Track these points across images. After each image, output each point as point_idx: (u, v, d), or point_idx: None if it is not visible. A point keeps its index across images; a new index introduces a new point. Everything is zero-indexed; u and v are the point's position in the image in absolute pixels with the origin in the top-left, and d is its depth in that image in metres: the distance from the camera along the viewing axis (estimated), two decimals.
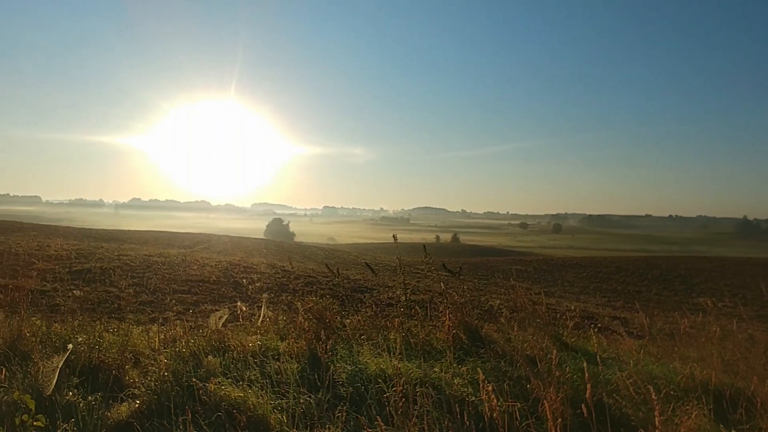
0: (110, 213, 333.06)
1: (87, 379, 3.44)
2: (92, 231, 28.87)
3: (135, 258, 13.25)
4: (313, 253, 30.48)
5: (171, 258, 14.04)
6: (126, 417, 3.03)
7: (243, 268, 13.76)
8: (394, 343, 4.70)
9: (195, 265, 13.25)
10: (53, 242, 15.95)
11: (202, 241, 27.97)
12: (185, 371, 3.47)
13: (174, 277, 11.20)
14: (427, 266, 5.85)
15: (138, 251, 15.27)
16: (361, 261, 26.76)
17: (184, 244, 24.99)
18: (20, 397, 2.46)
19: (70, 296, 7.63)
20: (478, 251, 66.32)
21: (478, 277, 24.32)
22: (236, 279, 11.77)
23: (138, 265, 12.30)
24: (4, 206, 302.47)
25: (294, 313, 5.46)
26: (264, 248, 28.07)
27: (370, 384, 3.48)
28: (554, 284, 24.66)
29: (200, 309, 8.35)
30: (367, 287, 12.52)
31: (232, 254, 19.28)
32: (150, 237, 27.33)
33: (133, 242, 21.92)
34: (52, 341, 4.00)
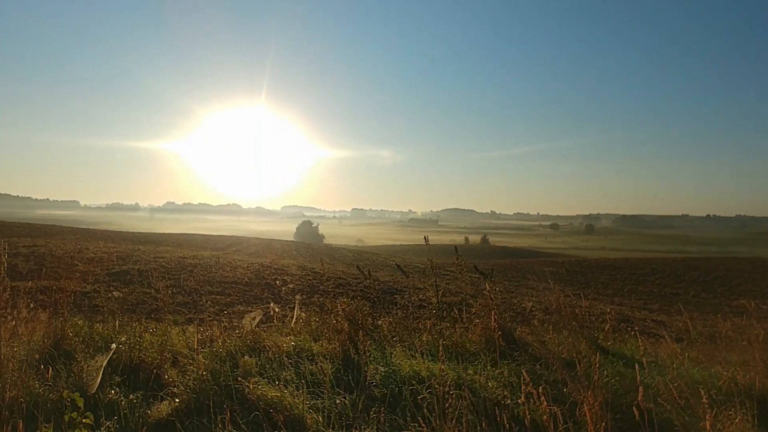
0: (146, 216, 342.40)
1: (128, 377, 3.54)
2: (129, 234, 29.74)
3: (170, 260, 13.59)
4: (343, 255, 30.66)
5: (205, 260, 14.34)
6: (166, 415, 3.09)
7: (274, 270, 13.94)
8: (427, 345, 4.68)
9: (228, 267, 13.51)
10: (92, 245, 16.49)
11: (234, 243, 28.46)
12: (223, 371, 3.53)
13: (208, 278, 11.42)
14: (458, 268, 5.78)
15: (173, 253, 15.65)
16: (390, 263, 26.77)
17: (217, 246, 25.49)
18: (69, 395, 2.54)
19: (109, 297, 7.87)
20: (508, 253, 65.52)
21: (508, 278, 24.02)
22: (268, 281, 11.93)
23: (173, 266, 12.60)
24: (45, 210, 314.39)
25: (326, 314, 5.49)
26: (294, 250, 28.40)
27: (405, 385, 3.47)
28: (587, 286, 24.14)
29: (234, 310, 8.49)
30: (397, 289, 12.52)
31: (263, 256, 19.57)
32: (184, 240, 27.97)
33: (168, 245, 22.45)
34: (95, 341, 4.12)
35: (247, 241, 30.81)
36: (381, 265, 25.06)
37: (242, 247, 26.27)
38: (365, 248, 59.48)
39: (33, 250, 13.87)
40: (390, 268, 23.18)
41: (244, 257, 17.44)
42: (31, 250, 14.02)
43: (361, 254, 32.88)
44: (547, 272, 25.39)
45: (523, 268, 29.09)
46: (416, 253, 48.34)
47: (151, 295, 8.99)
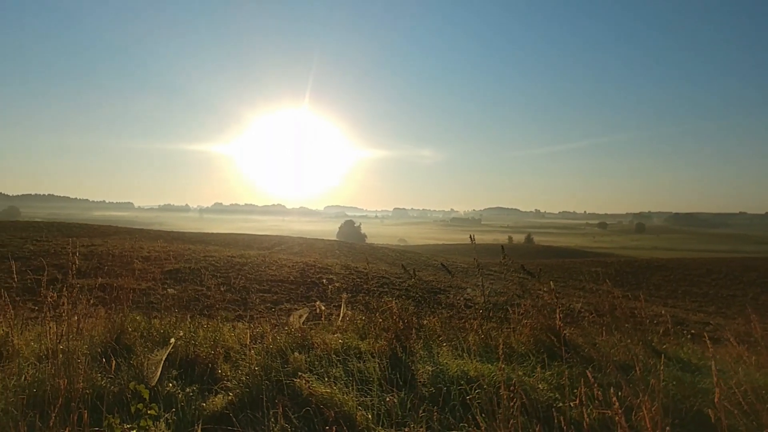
0: (195, 217, 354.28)
1: (184, 371, 3.68)
2: (180, 234, 30.78)
3: (219, 259, 14.00)
4: (385, 254, 30.75)
5: (251, 259, 14.70)
6: (221, 408, 3.20)
7: (318, 268, 14.13)
8: (474, 345, 4.63)
9: (274, 265, 13.79)
10: (146, 245, 17.18)
11: (279, 242, 29.03)
12: (274, 366, 3.61)
13: (255, 277, 11.70)
14: (505, 267, 5.69)
15: (221, 252, 16.12)
16: (432, 262, 26.64)
17: (263, 245, 26.05)
18: (135, 387, 2.67)
19: (164, 294, 8.18)
20: (554, 252, 63.98)
21: (554, 279, 23.38)
22: (312, 279, 12.11)
23: (222, 265, 12.98)
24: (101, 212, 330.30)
25: (372, 313, 5.52)
26: (337, 249, 28.70)
27: (453, 385, 3.45)
28: (638, 287, 23.24)
29: (280, 307, 8.67)
30: (440, 288, 12.45)
31: (307, 255, 19.86)
32: (231, 239, 28.73)
33: (216, 244, 23.13)
34: (153, 336, 4.30)
35: (291, 241, 31.35)
36: (424, 264, 24.96)
37: (287, 247, 26.74)
38: (407, 248, 59.48)
39: (91, 250, 14.58)
40: (433, 267, 23.07)
41: (289, 256, 17.77)
42: (89, 249, 14.74)
43: (404, 254, 32.86)
44: (596, 272, 24.63)
45: (570, 268, 28.33)
46: (459, 253, 47.92)
47: (203, 292, 9.29)
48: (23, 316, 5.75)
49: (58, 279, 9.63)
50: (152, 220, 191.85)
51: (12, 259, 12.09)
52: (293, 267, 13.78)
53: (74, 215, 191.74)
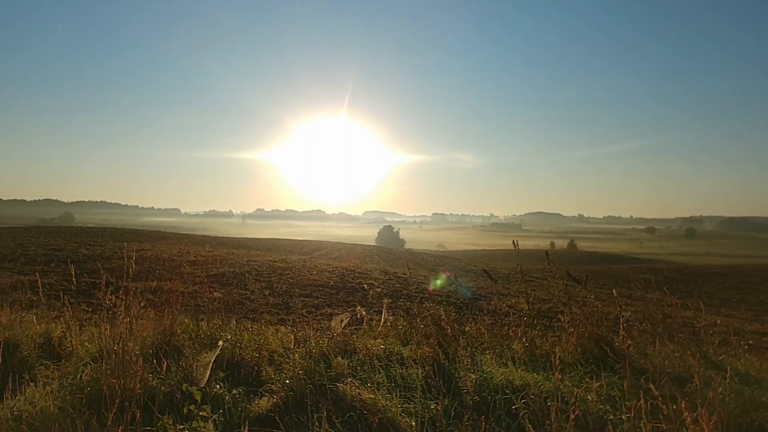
0: (238, 222, 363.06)
1: (231, 373, 3.76)
2: (224, 239, 31.60)
3: (262, 263, 14.28)
4: (424, 259, 30.61)
5: (292, 264, 14.93)
6: (266, 410, 3.24)
7: (358, 274, 14.20)
8: (518, 353, 4.53)
9: (314, 270, 13.96)
10: (192, 249, 17.72)
11: (318, 248, 29.37)
12: (317, 370, 3.64)
13: (297, 281, 11.87)
14: (550, 274, 5.55)
15: (264, 257, 16.44)
16: (472, 268, 26.33)
17: (303, 250, 26.41)
18: (188, 389, 2.74)
19: (210, 297, 8.40)
20: (599, 258, 62.05)
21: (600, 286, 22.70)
22: (352, 284, 12.17)
23: (265, 270, 13.24)
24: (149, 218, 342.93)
25: (413, 318, 5.49)
26: (376, 255, 28.78)
27: (498, 394, 3.38)
28: (690, 295, 22.20)
29: (321, 312, 8.74)
30: (481, 295, 12.28)
31: (346, 260, 19.99)
32: (273, 244, 29.25)
33: (258, 249, 23.61)
34: (200, 338, 4.42)
35: (330, 246, 31.66)
36: (463, 270, 24.69)
37: (327, 252, 27.01)
38: (446, 253, 59.06)
39: (141, 254, 15.13)
40: (473, 273, 22.80)
41: (328, 261, 17.93)
42: (139, 253, 15.30)
43: (443, 259, 32.63)
44: (644, 280, 23.72)
45: (616, 274, 27.37)
46: (499, 258, 47.20)
47: (246, 296, 9.49)
48: (78, 317, 6.03)
49: (110, 282, 10.04)
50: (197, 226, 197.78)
51: (67, 262, 12.71)
52: (333, 272, 13.91)
53: (125, 221, 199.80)
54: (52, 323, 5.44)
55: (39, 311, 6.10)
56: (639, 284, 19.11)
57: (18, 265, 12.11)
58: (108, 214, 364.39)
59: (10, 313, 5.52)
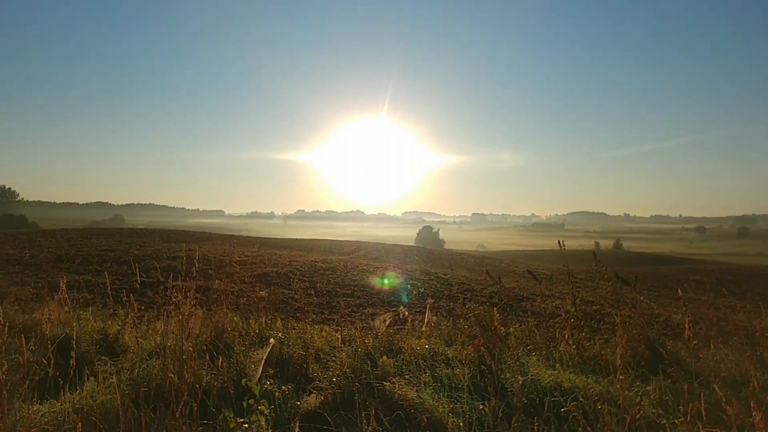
0: (279, 223, 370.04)
1: (280, 370, 3.84)
2: (266, 239, 32.22)
3: (304, 264, 14.51)
4: (464, 260, 30.34)
5: (333, 264, 15.09)
6: (314, 407, 3.31)
7: (398, 274, 14.22)
8: (565, 355, 4.44)
9: (355, 270, 14.06)
10: (236, 250, 18.16)
11: (358, 248, 29.55)
12: (364, 369, 3.68)
13: (339, 281, 11.99)
14: (598, 275, 5.40)
15: (305, 257, 16.69)
16: (513, 269, 25.92)
17: (343, 251, 26.63)
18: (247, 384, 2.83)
19: (256, 296, 8.61)
20: (646, 259, 59.80)
21: (647, 287, 21.89)
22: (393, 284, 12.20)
23: (307, 269, 13.44)
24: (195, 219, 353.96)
25: (456, 319, 5.46)
26: (415, 255, 28.72)
27: (546, 396, 3.32)
28: (743, 297, 21.09)
29: (363, 312, 8.80)
30: (523, 296, 12.07)
31: (386, 261, 20.05)
32: (313, 245, 29.64)
33: (299, 249, 23.97)
34: (250, 336, 4.54)
35: (370, 246, 31.80)
36: (504, 271, 24.32)
37: (366, 252, 27.15)
38: (487, 253, 58.32)
39: (188, 254, 15.62)
40: (514, 274, 22.44)
41: (369, 261, 18.03)
42: (186, 253, 15.79)
43: (483, 260, 32.25)
44: (694, 281, 22.73)
45: (665, 276, 26.35)
46: (541, 259, 46.22)
47: (290, 295, 9.66)
48: (132, 315, 6.28)
49: (161, 281, 10.43)
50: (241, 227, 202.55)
51: (119, 262, 13.27)
52: (374, 272, 13.98)
53: (172, 222, 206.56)
54: (108, 320, 5.70)
55: (95, 309, 6.38)
56: (689, 286, 18.37)
57: (73, 265, 12.72)
58: (156, 215, 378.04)
59: (68, 311, 5.81)
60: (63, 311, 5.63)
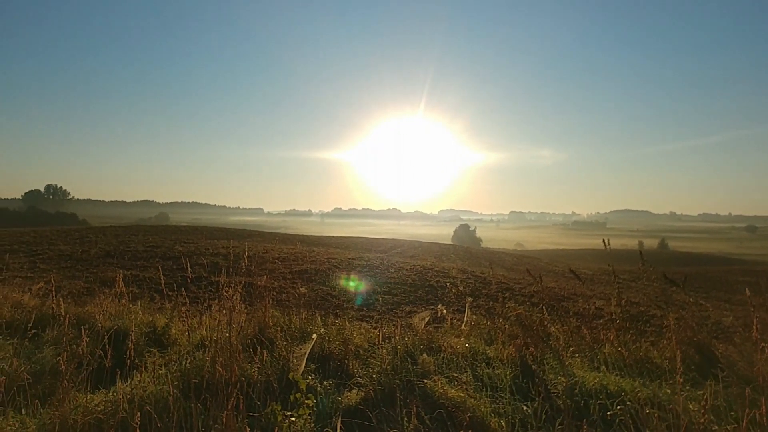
0: (317, 221, 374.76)
1: (320, 366, 3.90)
2: (304, 237, 32.68)
3: (341, 261, 14.64)
4: (502, 258, 29.95)
5: (370, 261, 15.18)
6: (355, 403, 3.33)
7: (435, 272, 14.16)
8: (610, 357, 4.33)
9: (392, 268, 14.10)
10: (275, 247, 18.49)
11: (395, 246, 29.59)
12: (404, 367, 3.69)
13: (375, 278, 12.05)
14: (645, 275, 5.23)
15: (342, 255, 16.84)
16: (553, 268, 25.41)
17: (380, 249, 26.73)
18: (294, 378, 2.89)
19: (296, 293, 8.75)
20: (693, 259, 57.48)
21: (695, 289, 21.05)
22: (431, 282, 12.16)
23: (344, 267, 13.56)
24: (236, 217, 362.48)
25: (495, 318, 5.40)
26: (452, 253, 28.54)
27: (591, 399, 3.24)
28: None
29: (400, 309, 8.82)
30: (564, 296, 11.82)
31: (423, 259, 19.99)
32: (350, 242, 29.86)
33: (336, 247, 24.21)
34: (291, 331, 4.62)
35: (406, 244, 31.80)
36: (544, 270, 23.87)
37: (403, 250, 27.16)
38: (525, 252, 57.36)
39: (229, 251, 16.01)
40: (554, 273, 21.99)
41: (405, 259, 18.03)
42: (228, 250, 16.19)
43: (521, 258, 31.74)
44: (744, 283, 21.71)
45: (713, 277, 25.25)
46: (581, 258, 45.12)
47: (328, 292, 9.78)
48: (178, 309, 6.50)
49: (203, 276, 10.74)
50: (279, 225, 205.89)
51: (165, 258, 13.73)
52: (411, 270, 13.97)
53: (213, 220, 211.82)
54: (156, 314, 5.91)
55: (143, 303, 6.61)
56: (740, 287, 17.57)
57: (121, 260, 13.24)
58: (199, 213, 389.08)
59: (118, 305, 6.05)
60: (114, 304, 5.87)
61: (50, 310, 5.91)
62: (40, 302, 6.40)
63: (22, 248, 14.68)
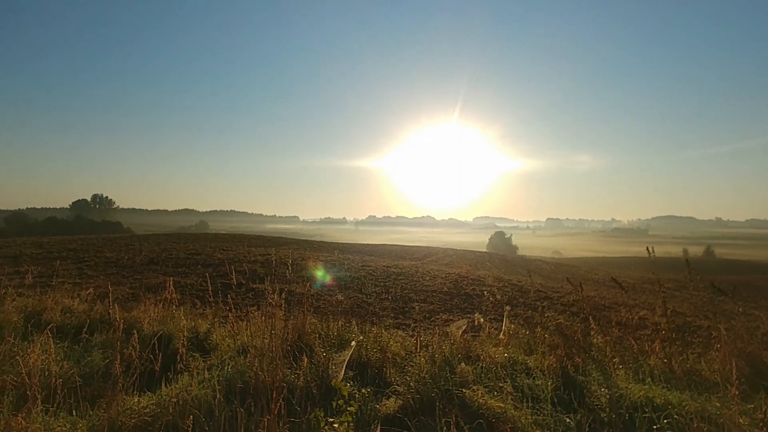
0: (351, 229, 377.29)
1: (358, 373, 3.92)
2: (339, 245, 32.96)
3: (376, 268, 14.69)
4: (539, 266, 29.45)
5: (405, 269, 15.17)
6: (394, 411, 3.33)
7: (471, 280, 14.04)
8: (655, 369, 4.19)
9: (427, 276, 14.05)
10: (311, 254, 18.72)
11: (429, 254, 29.49)
12: (442, 375, 3.67)
13: (411, 286, 12.04)
14: (692, 284, 5.05)
15: (377, 262, 16.89)
16: (592, 276, 24.81)
17: (414, 256, 26.69)
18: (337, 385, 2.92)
19: (332, 300, 8.83)
20: (740, 267, 54.93)
21: (743, 298, 20.12)
22: (466, 291, 12.06)
23: (379, 274, 13.60)
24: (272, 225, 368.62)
25: (534, 327, 5.30)
26: (488, 261, 28.25)
27: (636, 412, 3.15)
28: None
29: (436, 318, 8.77)
30: (605, 305, 11.52)
31: (458, 267, 19.85)
32: (385, 250, 29.94)
33: (371, 254, 24.31)
34: (330, 338, 4.67)
35: (441, 252, 31.65)
36: (583, 278, 23.30)
37: (438, 258, 27.04)
38: (563, 260, 56.16)
39: (266, 258, 16.29)
40: (593, 281, 21.46)
41: (440, 267, 17.95)
42: (265, 257, 16.50)
43: (559, 267, 31.12)
44: None
45: (762, 286, 24.08)
46: (622, 267, 43.82)
47: (364, 299, 9.82)
48: (218, 314, 6.66)
49: (242, 283, 10.96)
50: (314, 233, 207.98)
51: (205, 265, 14.09)
52: (446, 278, 13.90)
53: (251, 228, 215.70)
54: (198, 319, 6.07)
55: (185, 309, 6.79)
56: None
57: (164, 267, 13.65)
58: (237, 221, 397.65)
59: (162, 310, 6.24)
60: (159, 310, 6.06)
61: (98, 314, 6.17)
62: (88, 307, 6.66)
63: (70, 255, 15.32)
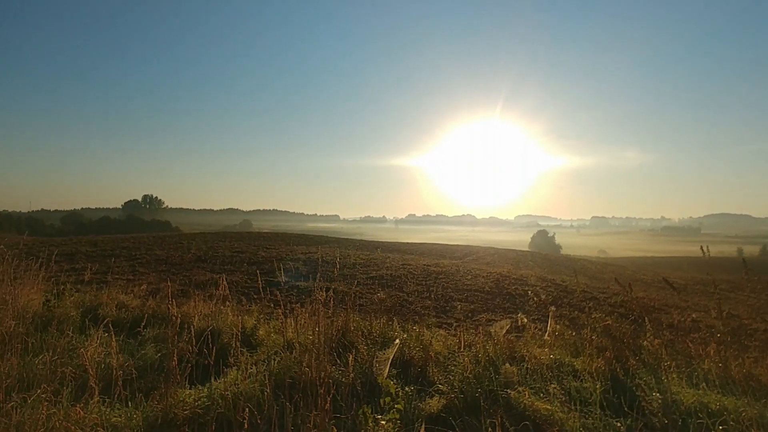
0: (391, 228, 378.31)
1: (401, 371, 3.94)
2: (379, 243, 33.05)
3: (416, 267, 14.67)
4: (584, 266, 28.65)
5: (446, 268, 15.08)
6: (437, 410, 3.33)
7: (513, 279, 13.82)
8: (709, 374, 4.02)
9: (468, 275, 13.93)
10: (351, 253, 18.87)
11: (470, 252, 29.18)
12: (486, 376, 3.64)
13: (452, 285, 11.97)
14: (749, 285, 4.81)
15: (417, 261, 16.87)
16: (640, 277, 23.96)
17: (455, 255, 26.47)
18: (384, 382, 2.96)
19: (377, 298, 8.89)
20: None
21: None
22: (508, 290, 11.89)
23: (420, 273, 13.58)
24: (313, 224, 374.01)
25: (581, 329, 5.18)
26: (530, 260, 27.71)
27: (690, 418, 3.03)
28: None
29: (478, 317, 8.69)
30: (654, 307, 11.11)
31: (499, 266, 19.57)
32: (425, 249, 29.82)
33: (411, 253, 24.28)
34: (372, 336, 4.71)
35: (482, 251, 31.25)
36: (631, 279, 22.54)
37: (478, 257, 26.72)
38: (609, 260, 54.44)
39: (309, 256, 16.55)
40: (642, 282, 20.72)
41: (481, 266, 17.74)
42: (307, 256, 16.76)
43: (605, 266, 30.18)
44: None
45: None
46: (672, 267, 42.09)
47: (405, 298, 9.84)
48: (263, 311, 6.82)
49: (286, 281, 11.18)
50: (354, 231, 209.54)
51: (250, 263, 14.44)
52: (488, 277, 13.73)
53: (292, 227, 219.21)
54: (244, 315, 6.24)
55: (231, 305, 6.99)
56: None
57: (210, 264, 14.07)
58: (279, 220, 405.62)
59: (211, 306, 6.45)
60: (208, 306, 6.26)
61: (150, 310, 6.45)
62: (141, 303, 6.95)
63: (123, 253, 16.01)
